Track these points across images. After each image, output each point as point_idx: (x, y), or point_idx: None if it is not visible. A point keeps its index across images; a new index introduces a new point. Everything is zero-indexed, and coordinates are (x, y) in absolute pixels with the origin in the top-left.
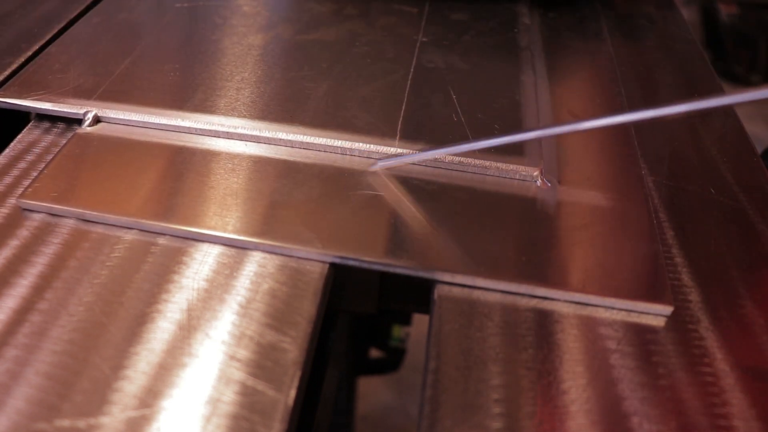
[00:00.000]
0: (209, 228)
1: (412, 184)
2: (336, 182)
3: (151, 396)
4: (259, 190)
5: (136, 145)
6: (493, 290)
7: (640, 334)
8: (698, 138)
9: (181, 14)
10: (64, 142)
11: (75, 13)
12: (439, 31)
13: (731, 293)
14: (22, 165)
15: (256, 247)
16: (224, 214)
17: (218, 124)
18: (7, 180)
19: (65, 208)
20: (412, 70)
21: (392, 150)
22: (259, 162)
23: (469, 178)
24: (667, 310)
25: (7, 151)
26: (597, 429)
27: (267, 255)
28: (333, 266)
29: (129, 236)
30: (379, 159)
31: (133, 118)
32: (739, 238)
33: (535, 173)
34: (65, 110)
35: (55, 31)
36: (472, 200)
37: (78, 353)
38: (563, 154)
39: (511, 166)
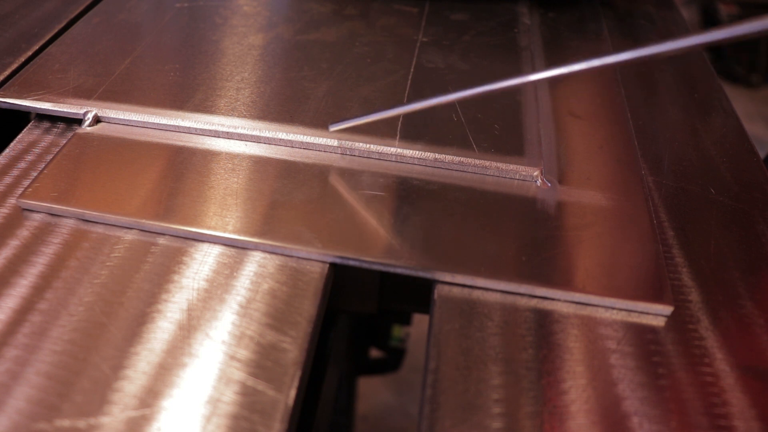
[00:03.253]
0: (209, 228)
1: (412, 184)
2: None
3: (151, 396)
4: (259, 190)
5: (136, 145)
6: (493, 290)
7: (640, 334)
8: (698, 138)
9: (181, 14)
10: (64, 142)
11: (75, 13)
12: (439, 31)
13: (731, 293)
14: (22, 165)
15: (256, 247)
16: (224, 214)
17: (218, 124)
18: (7, 180)
19: (65, 208)
20: (412, 70)
21: (392, 150)
22: (259, 162)
23: (469, 178)
24: (667, 310)
25: (7, 151)
26: (597, 429)
27: (267, 255)
28: (333, 266)
29: (129, 236)
30: (332, 123)
31: (133, 118)
32: (739, 238)
33: (535, 173)
34: (65, 110)
35: (55, 31)
36: (472, 200)
37: (78, 353)
38: (563, 154)
39: (511, 166)
